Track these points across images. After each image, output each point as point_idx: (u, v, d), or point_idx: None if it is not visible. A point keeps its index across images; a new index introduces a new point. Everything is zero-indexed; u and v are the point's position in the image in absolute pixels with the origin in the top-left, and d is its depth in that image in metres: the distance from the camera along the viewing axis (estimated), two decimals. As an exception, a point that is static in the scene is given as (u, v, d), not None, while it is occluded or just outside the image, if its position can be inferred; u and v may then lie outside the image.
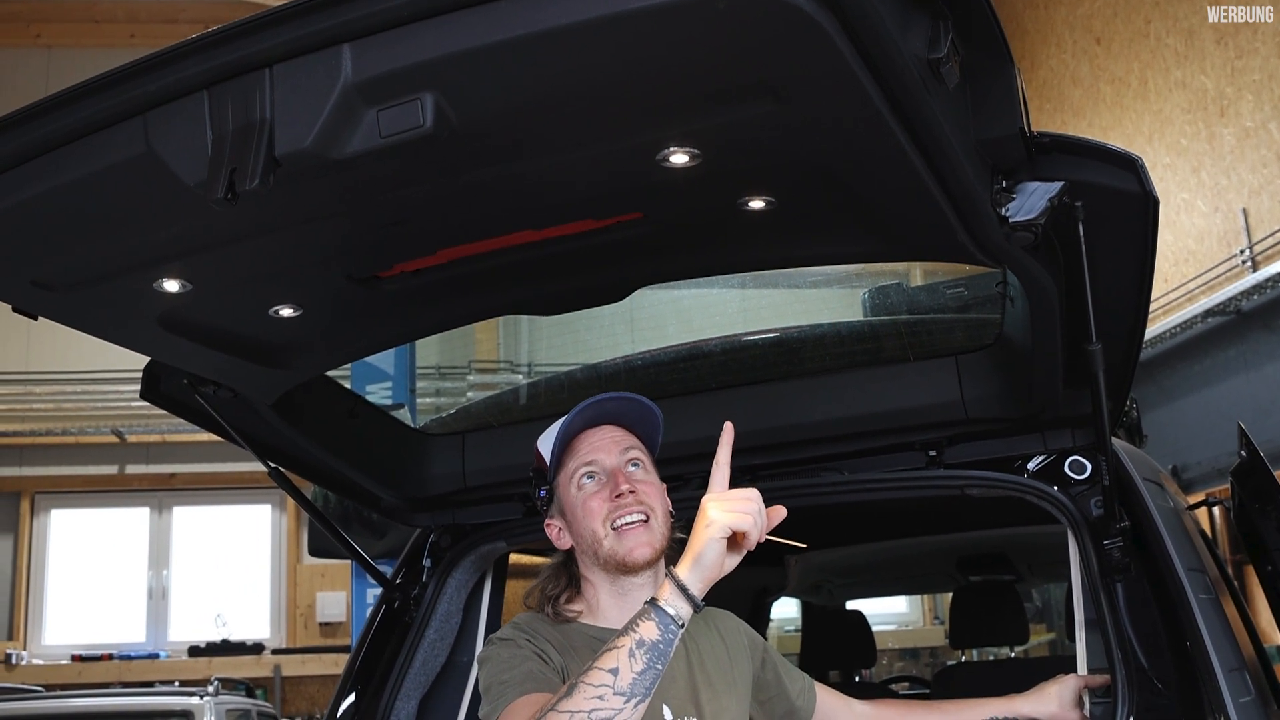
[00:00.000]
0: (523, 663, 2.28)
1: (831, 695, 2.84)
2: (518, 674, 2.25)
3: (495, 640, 2.39)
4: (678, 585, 2.00)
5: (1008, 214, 2.07)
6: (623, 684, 1.94)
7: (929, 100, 1.73)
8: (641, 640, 1.97)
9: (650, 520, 2.36)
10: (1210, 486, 8.77)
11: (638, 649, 1.96)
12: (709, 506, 2.04)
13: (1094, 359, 2.40)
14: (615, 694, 1.93)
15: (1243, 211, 9.19)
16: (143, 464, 13.49)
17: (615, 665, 1.95)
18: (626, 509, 2.34)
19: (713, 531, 2.01)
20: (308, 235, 2.13)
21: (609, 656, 1.96)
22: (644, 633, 1.97)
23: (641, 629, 1.98)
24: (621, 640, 1.97)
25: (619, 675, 1.94)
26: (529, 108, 1.70)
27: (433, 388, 12.22)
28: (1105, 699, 2.68)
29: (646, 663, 1.96)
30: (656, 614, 1.98)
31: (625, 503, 2.34)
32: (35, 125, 1.82)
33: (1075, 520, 2.83)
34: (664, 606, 1.99)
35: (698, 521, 2.04)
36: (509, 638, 2.37)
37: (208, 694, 7.76)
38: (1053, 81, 12.22)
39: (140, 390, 2.89)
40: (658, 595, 2.01)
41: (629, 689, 1.94)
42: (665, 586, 2.01)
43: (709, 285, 5.40)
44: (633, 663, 1.95)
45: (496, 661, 2.31)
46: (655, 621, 1.98)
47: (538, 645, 2.34)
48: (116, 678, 12.40)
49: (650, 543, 2.34)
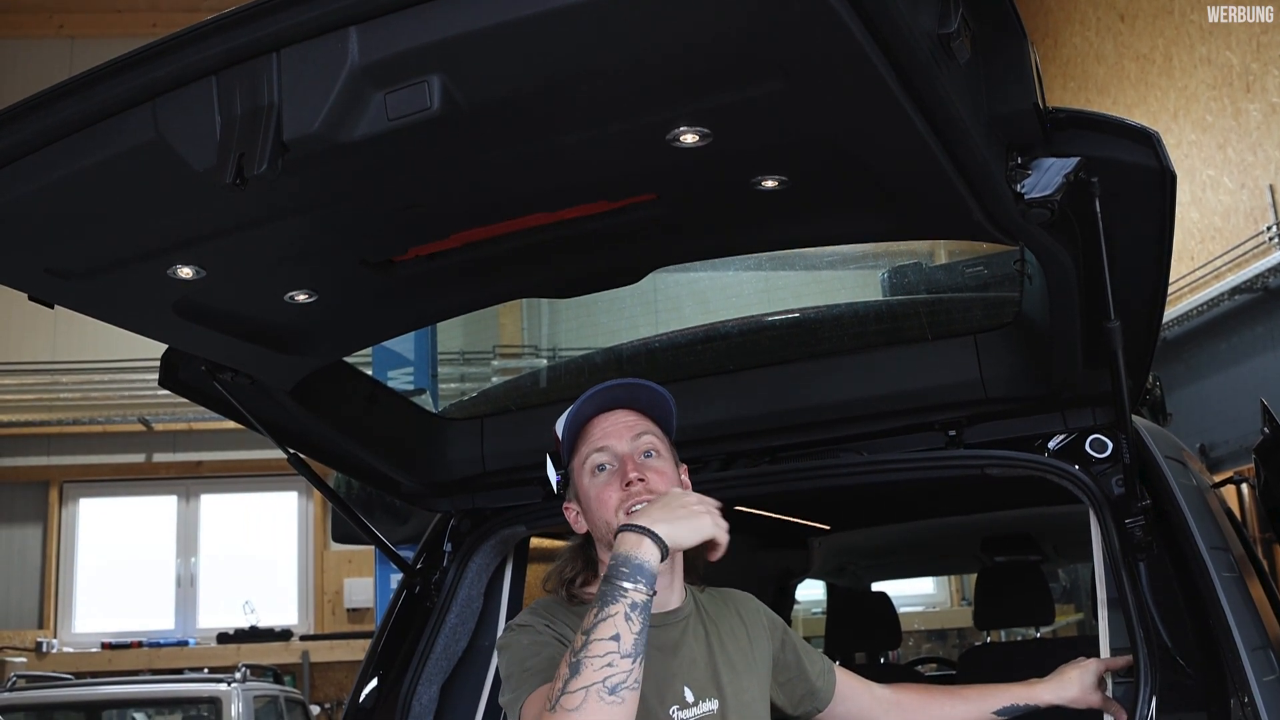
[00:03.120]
0: (543, 649, 2.28)
1: (851, 678, 2.83)
2: (540, 660, 2.25)
3: (514, 626, 2.40)
4: (653, 538, 2.08)
5: (1023, 190, 2.05)
6: (626, 646, 1.98)
7: (940, 77, 1.71)
8: (634, 603, 2.01)
9: None
10: (1238, 465, 8.72)
11: (632, 611, 2.00)
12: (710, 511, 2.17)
13: (1113, 336, 2.38)
14: (622, 657, 1.97)
15: (1269, 188, 9.12)
16: (170, 452, 13.57)
17: (615, 632, 1.98)
18: (636, 498, 2.33)
19: (711, 527, 2.15)
20: (320, 220, 2.12)
21: (605, 625, 1.99)
22: (634, 596, 2.01)
23: (631, 593, 2.02)
24: (613, 608, 2.00)
25: (621, 640, 1.98)
26: (536, 88, 1.69)
27: (457, 373, 12.25)
28: (1128, 679, 2.67)
29: (641, 621, 2.01)
30: (643, 577, 2.04)
31: (634, 491, 2.33)
32: (45, 113, 1.82)
33: (1096, 499, 2.81)
34: (646, 566, 2.05)
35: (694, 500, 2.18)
36: (527, 624, 2.37)
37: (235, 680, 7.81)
38: (1076, 59, 12.14)
39: (159, 378, 2.89)
40: (636, 554, 2.06)
41: (633, 649, 1.98)
42: (643, 545, 2.07)
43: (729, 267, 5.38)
44: (630, 625, 1.99)
45: (516, 648, 2.32)
46: (643, 583, 2.03)
47: (556, 629, 2.34)
48: (146, 665, 12.48)
49: None
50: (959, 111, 1.81)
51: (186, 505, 13.91)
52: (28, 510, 13.41)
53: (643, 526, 2.07)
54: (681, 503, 2.15)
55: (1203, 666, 2.52)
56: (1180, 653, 2.55)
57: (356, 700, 3.36)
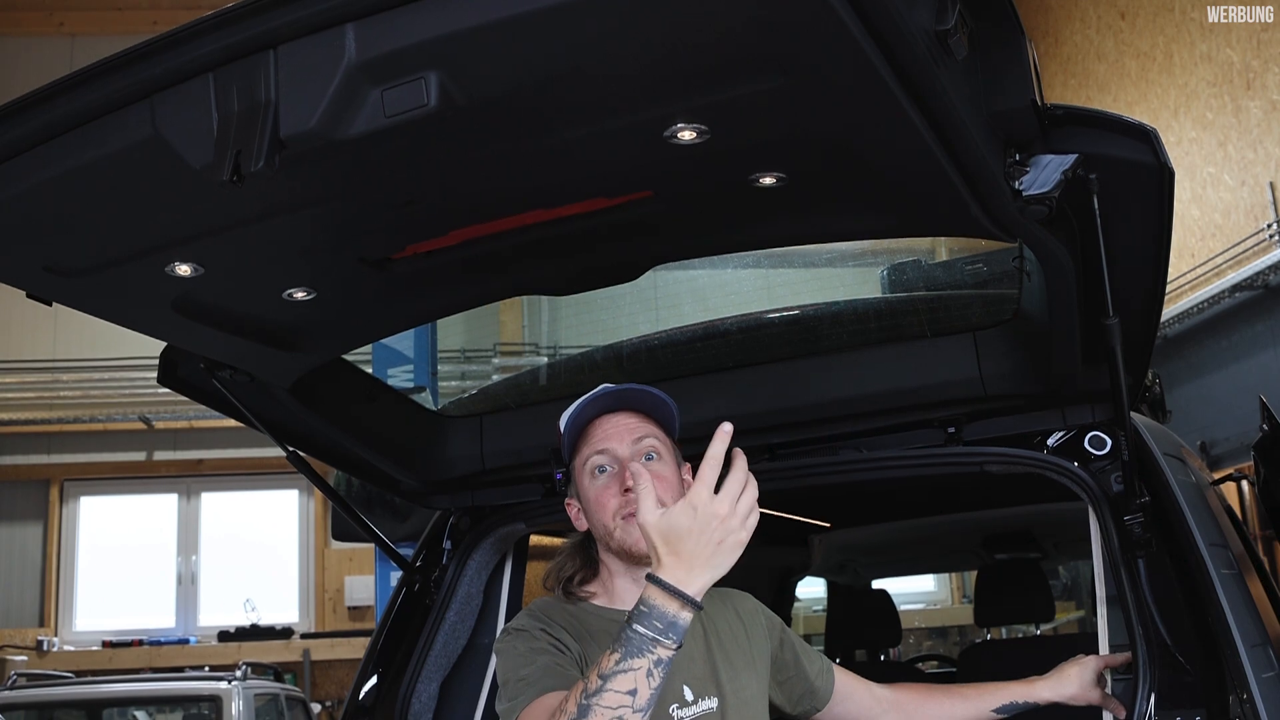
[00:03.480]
0: (539, 656, 2.27)
1: (850, 678, 2.83)
2: (533, 670, 2.24)
3: (510, 630, 2.39)
4: (686, 599, 1.93)
5: (1021, 187, 2.05)
6: (641, 701, 1.90)
7: (937, 73, 1.71)
8: (659, 659, 1.91)
9: None
10: (1239, 462, 8.73)
11: (655, 668, 1.91)
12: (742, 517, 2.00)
13: (1111, 333, 2.38)
14: (635, 711, 1.90)
15: (1270, 185, 9.12)
16: (170, 450, 13.58)
17: (634, 687, 1.90)
18: (633, 505, 2.31)
19: (744, 543, 1.98)
20: (318, 217, 2.12)
21: (625, 678, 1.90)
22: (661, 652, 1.91)
23: (659, 650, 1.91)
24: (637, 661, 1.90)
25: (637, 695, 1.90)
26: (533, 85, 1.69)
27: (458, 371, 12.25)
28: (1127, 676, 2.67)
29: (662, 676, 1.92)
30: (675, 635, 1.92)
31: (631, 499, 2.30)
32: (42, 110, 1.82)
33: (1095, 496, 2.81)
34: (679, 623, 1.92)
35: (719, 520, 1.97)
36: (523, 628, 2.36)
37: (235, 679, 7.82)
38: (1077, 57, 12.13)
39: (158, 375, 2.89)
40: (669, 609, 1.92)
41: (646, 704, 1.91)
42: (673, 601, 1.92)
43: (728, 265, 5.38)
44: (650, 681, 1.91)
45: (512, 655, 2.30)
46: (673, 640, 1.92)
47: (553, 634, 2.33)
48: (147, 663, 12.48)
49: None
50: (956, 108, 1.80)
51: (187, 503, 13.91)
52: (28, 508, 13.42)
53: (678, 590, 1.92)
54: (715, 535, 1.96)
55: (1202, 663, 2.52)
56: (1179, 650, 2.55)
57: (356, 698, 3.36)
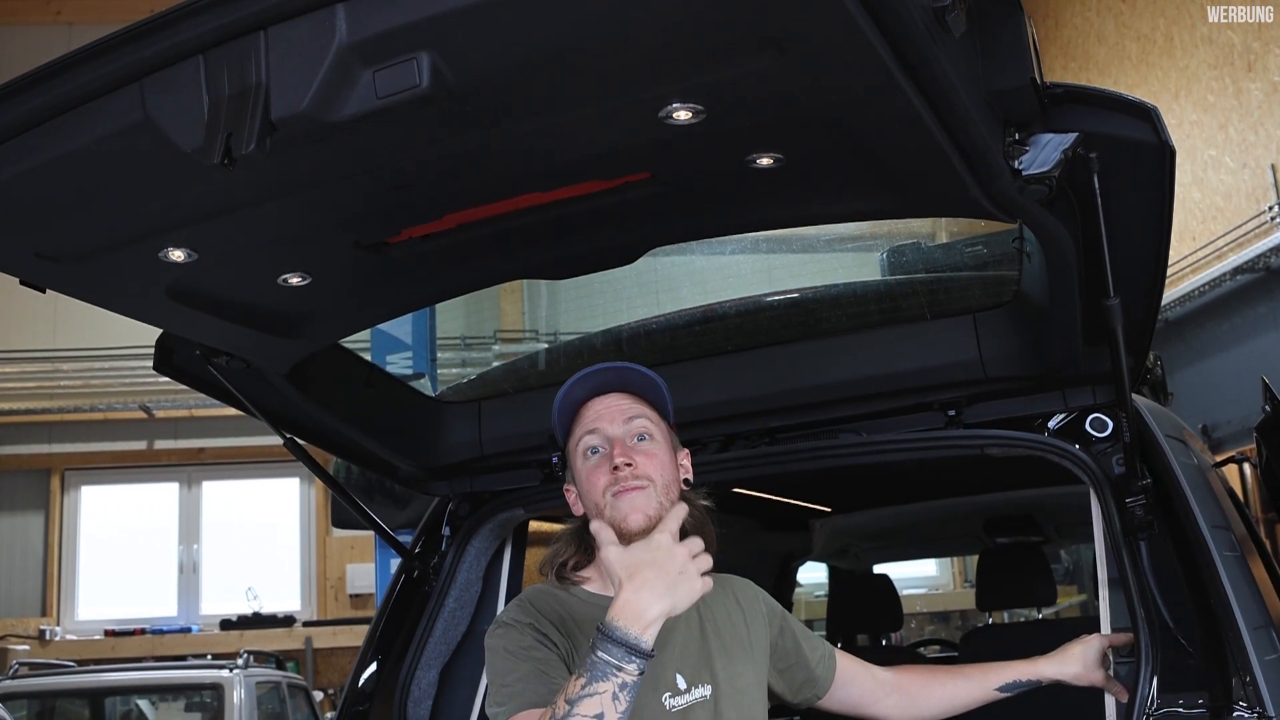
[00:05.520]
0: (523, 663, 2.28)
1: (852, 662, 2.82)
2: (517, 677, 2.26)
3: (499, 624, 2.39)
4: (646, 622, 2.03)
5: (1020, 167, 2.04)
6: None
7: (935, 50, 1.69)
8: (624, 683, 2.00)
9: (649, 489, 2.33)
10: (1241, 445, 8.70)
11: (621, 691, 2.00)
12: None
13: (1112, 314, 2.36)
14: None
15: (1271, 168, 9.10)
16: (171, 439, 13.59)
17: (600, 711, 1.99)
18: (623, 482, 2.32)
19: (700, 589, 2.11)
20: (312, 201, 2.11)
21: (591, 702, 1.99)
22: (625, 676, 2.00)
23: (622, 674, 2.00)
24: (602, 685, 1.99)
25: (604, 719, 1.99)
26: (526, 65, 1.67)
27: (458, 358, 12.22)
28: (1129, 658, 2.66)
29: (628, 700, 2.01)
30: (638, 657, 2.01)
31: (622, 476, 2.32)
32: (32, 95, 1.81)
33: (1097, 478, 2.80)
34: (642, 645, 2.02)
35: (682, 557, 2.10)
36: (511, 622, 2.36)
37: (238, 667, 7.83)
38: (1077, 40, 12.10)
39: (154, 362, 2.88)
40: (631, 630, 2.02)
41: None
42: (634, 625, 2.02)
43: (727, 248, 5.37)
44: (616, 705, 2.00)
45: (499, 656, 2.32)
46: (636, 662, 2.01)
47: (540, 629, 2.33)
48: (149, 652, 12.51)
49: (644, 509, 2.30)
50: (955, 86, 1.79)
51: (188, 492, 13.92)
52: (29, 498, 13.43)
53: (639, 614, 2.03)
54: (676, 567, 2.09)
55: (1204, 646, 2.51)
56: (1181, 632, 2.54)
57: (356, 685, 3.35)
